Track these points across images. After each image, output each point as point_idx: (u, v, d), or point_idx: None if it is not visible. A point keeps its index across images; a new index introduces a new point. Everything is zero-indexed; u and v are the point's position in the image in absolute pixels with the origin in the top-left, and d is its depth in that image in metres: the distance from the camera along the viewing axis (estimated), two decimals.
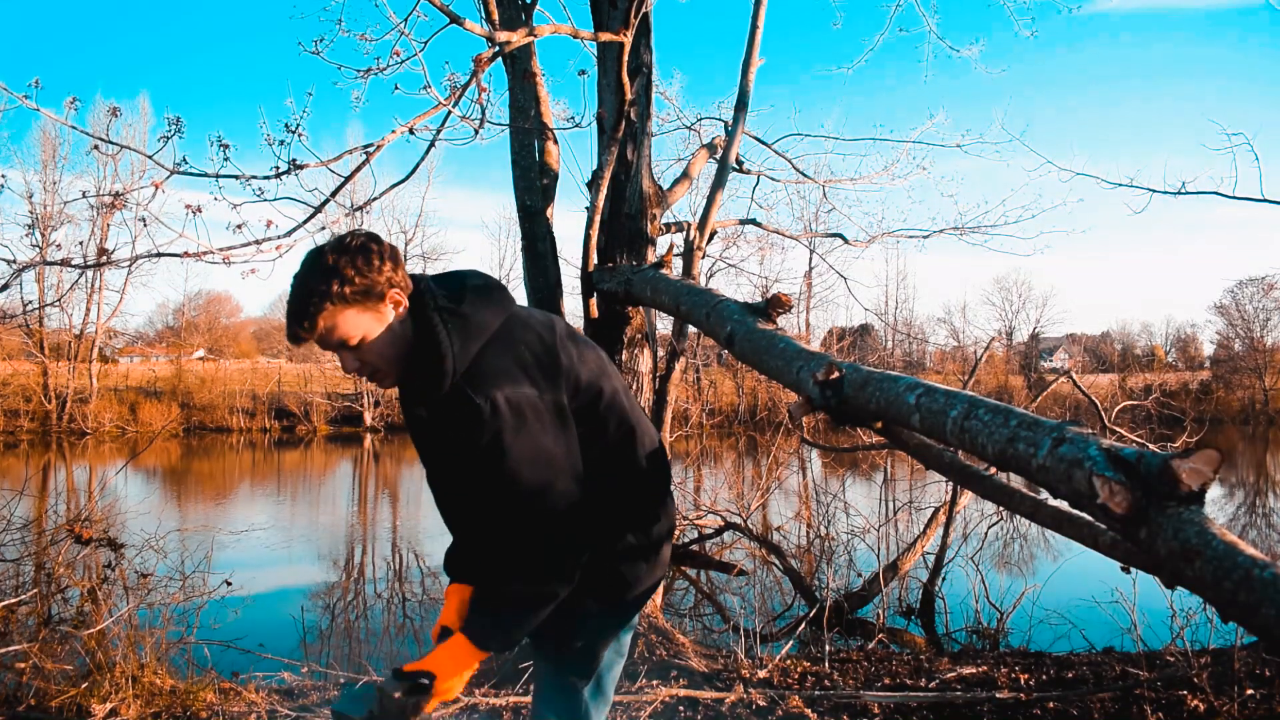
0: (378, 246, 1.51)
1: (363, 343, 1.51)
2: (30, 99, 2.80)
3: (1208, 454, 1.06)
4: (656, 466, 1.74)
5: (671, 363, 4.57)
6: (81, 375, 28.04)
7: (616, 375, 1.74)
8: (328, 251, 1.49)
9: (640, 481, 1.70)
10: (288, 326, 1.50)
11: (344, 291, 1.46)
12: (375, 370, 1.57)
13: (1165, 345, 44.60)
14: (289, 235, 3.10)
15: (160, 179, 3.01)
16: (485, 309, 1.56)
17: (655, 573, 1.71)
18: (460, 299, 1.55)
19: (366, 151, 3.05)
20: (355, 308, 1.48)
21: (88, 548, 4.13)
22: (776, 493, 9.85)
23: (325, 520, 12.56)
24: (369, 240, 1.51)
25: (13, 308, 18.22)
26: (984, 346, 34.59)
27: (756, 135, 6.78)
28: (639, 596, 1.69)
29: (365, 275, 1.47)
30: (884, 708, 3.55)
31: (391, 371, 1.57)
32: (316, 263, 1.48)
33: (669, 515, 1.75)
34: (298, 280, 1.49)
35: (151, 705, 3.43)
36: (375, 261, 1.49)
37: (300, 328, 1.47)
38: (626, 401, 1.70)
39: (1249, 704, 3.38)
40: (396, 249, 1.56)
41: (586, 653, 1.67)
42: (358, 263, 1.47)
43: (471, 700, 3.51)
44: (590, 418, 1.62)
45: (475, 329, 1.53)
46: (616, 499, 1.65)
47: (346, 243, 1.50)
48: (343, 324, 1.48)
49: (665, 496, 1.76)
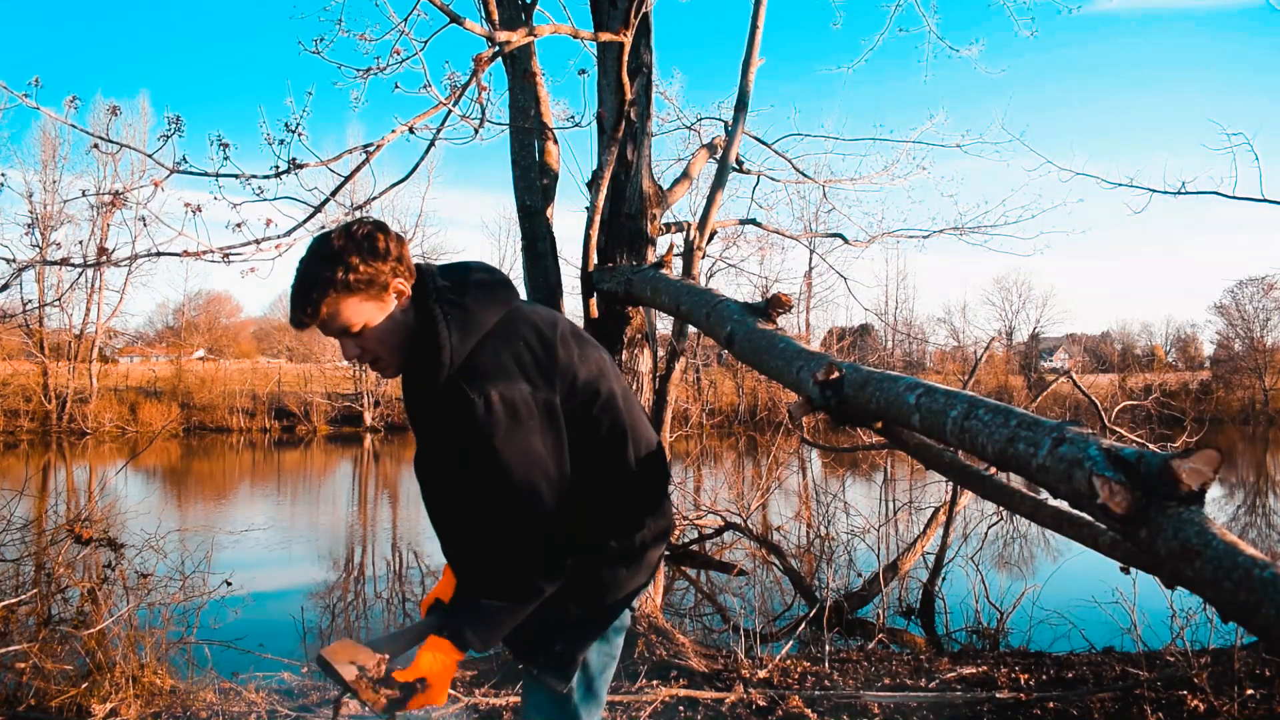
0: (384, 235, 1.51)
1: (365, 330, 1.51)
2: (30, 98, 2.80)
3: (1208, 454, 1.06)
4: (649, 471, 1.72)
5: (671, 363, 4.57)
6: (81, 375, 28.04)
7: (618, 377, 1.73)
8: (333, 238, 1.49)
9: (629, 486, 1.68)
10: (291, 312, 1.50)
11: (348, 279, 1.46)
12: (377, 359, 1.57)
13: (1165, 345, 44.63)
14: (289, 234, 3.10)
15: (160, 178, 3.00)
16: (486, 303, 1.56)
17: (638, 577, 1.68)
18: (463, 291, 1.55)
19: (366, 151, 3.05)
20: (358, 296, 1.48)
21: (88, 548, 4.13)
22: (776, 493, 9.84)
23: (325, 520, 12.56)
24: (375, 229, 1.51)
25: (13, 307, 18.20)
26: (984, 346, 34.59)
27: (756, 135, 6.79)
28: (620, 601, 1.67)
29: (370, 264, 1.47)
30: (884, 708, 3.55)
31: (393, 360, 1.57)
32: (322, 249, 1.48)
33: (660, 520, 1.72)
34: (303, 266, 1.49)
35: (151, 705, 3.44)
36: (380, 250, 1.48)
37: (303, 314, 1.47)
38: (624, 404, 1.68)
39: (1249, 704, 3.38)
40: (402, 238, 1.56)
41: (565, 656, 1.65)
42: (363, 251, 1.47)
43: (471, 700, 3.51)
44: (584, 419, 1.60)
45: (474, 323, 1.53)
46: (603, 502, 1.64)
47: (353, 230, 1.49)
48: (345, 311, 1.48)
49: (656, 501, 1.73)
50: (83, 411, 27.20)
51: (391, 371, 1.59)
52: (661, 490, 1.77)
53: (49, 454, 21.92)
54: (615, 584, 1.64)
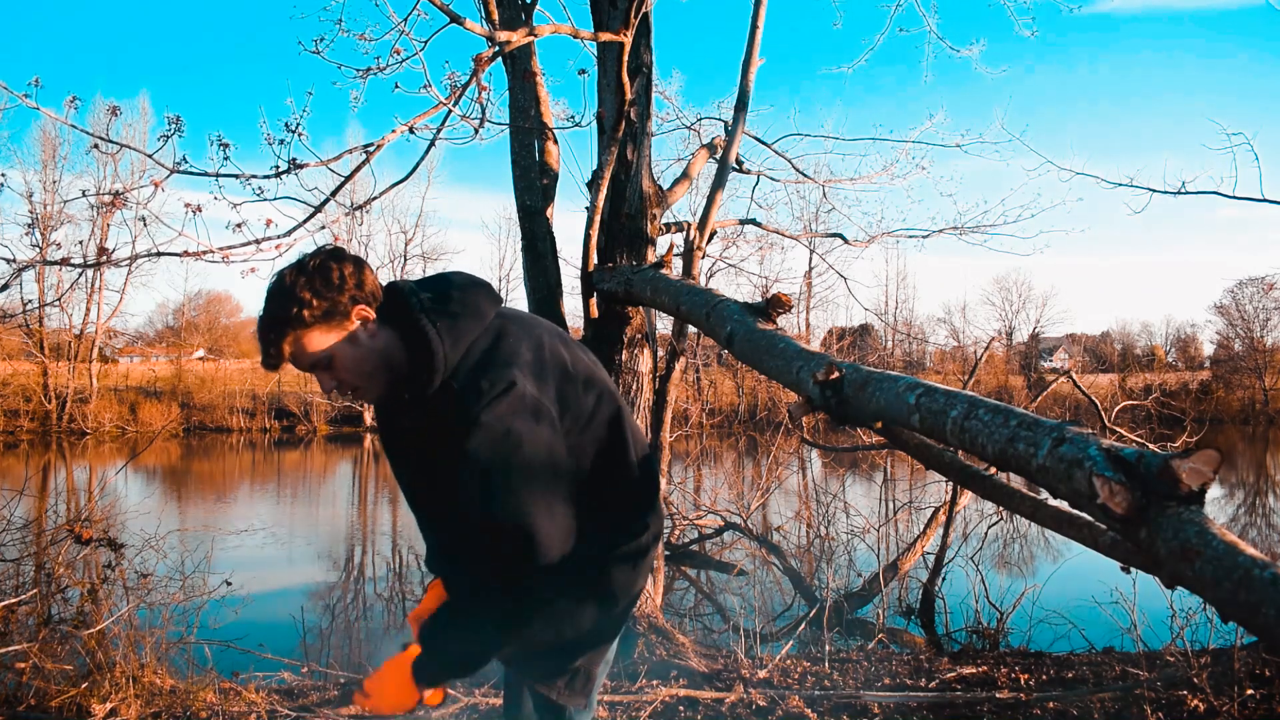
0: (337, 264, 1.48)
1: (334, 362, 1.50)
2: (30, 98, 2.81)
3: (1208, 454, 1.06)
4: (646, 472, 1.71)
5: (671, 363, 4.57)
6: (81, 375, 28.03)
7: (608, 388, 1.70)
8: (286, 274, 1.47)
9: (632, 487, 1.66)
10: (260, 354, 1.50)
11: (303, 315, 1.44)
12: (355, 388, 1.54)
13: (1165, 345, 44.61)
14: (289, 234, 3.11)
15: (160, 178, 3.01)
16: (473, 310, 1.55)
17: (642, 579, 1.68)
18: (448, 300, 1.54)
19: (366, 151, 3.06)
20: (318, 329, 1.46)
21: (88, 548, 4.13)
22: (776, 493, 9.85)
23: (325, 520, 12.56)
24: (328, 259, 1.48)
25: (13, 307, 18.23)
26: (984, 346, 34.59)
27: (756, 135, 6.79)
28: (628, 605, 1.67)
29: (324, 296, 1.45)
30: (884, 708, 3.55)
31: (370, 385, 1.54)
32: (277, 288, 1.46)
33: (658, 520, 1.72)
34: (262, 307, 1.48)
35: (151, 705, 3.43)
36: (335, 280, 1.46)
37: (268, 355, 1.47)
38: (608, 411, 1.65)
39: (1249, 704, 3.38)
40: (362, 262, 1.53)
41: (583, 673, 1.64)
42: (316, 284, 1.45)
43: (471, 700, 3.51)
44: (585, 422, 1.59)
45: (464, 330, 1.51)
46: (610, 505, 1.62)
47: (305, 264, 1.47)
48: (309, 346, 1.46)
49: (653, 501, 1.72)
50: (83, 411, 27.19)
51: (370, 397, 1.57)
52: (657, 490, 1.77)
53: (49, 454, 21.92)
54: (626, 587, 1.64)
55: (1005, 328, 40.33)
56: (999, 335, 38.97)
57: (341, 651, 5.95)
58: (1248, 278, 36.67)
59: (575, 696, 1.64)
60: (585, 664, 1.64)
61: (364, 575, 9.12)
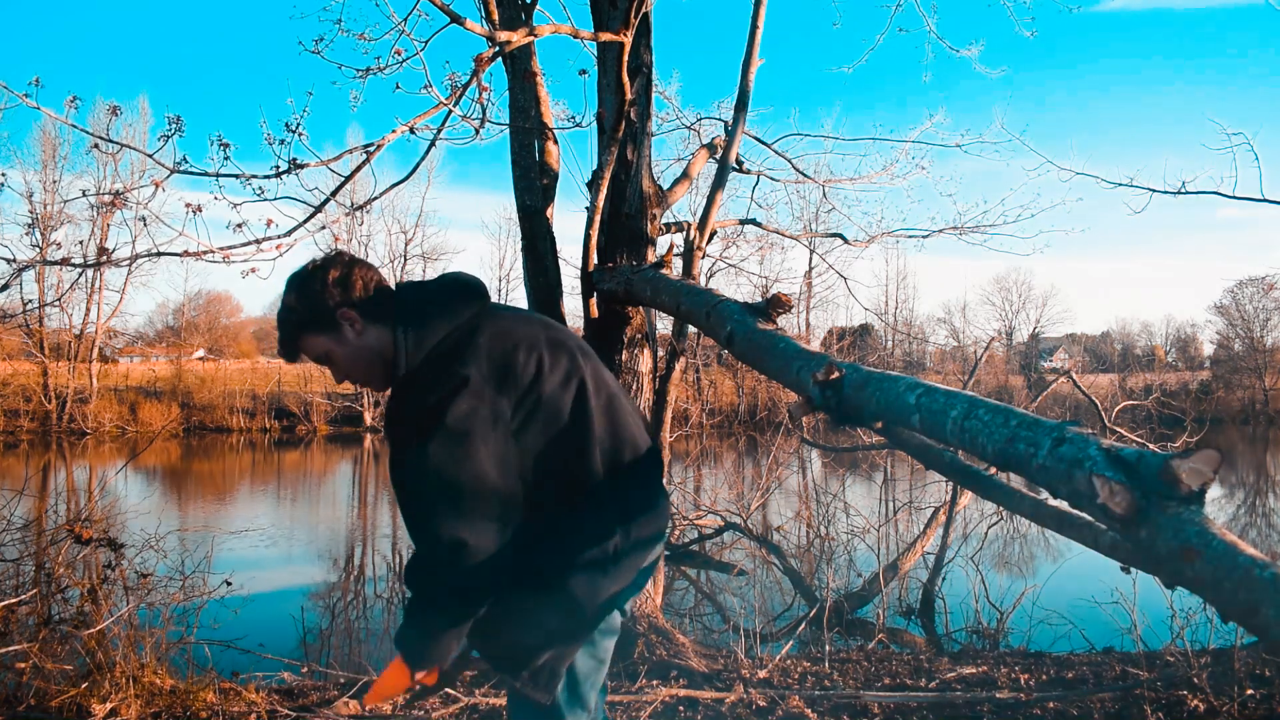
0: (320, 274, 1.66)
1: (332, 357, 1.68)
2: (30, 98, 2.81)
3: (1208, 454, 1.06)
4: (632, 474, 1.70)
5: (671, 363, 4.57)
6: (81, 375, 28.03)
7: (603, 382, 1.72)
8: (289, 281, 1.68)
9: (603, 492, 1.66)
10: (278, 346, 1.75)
11: (294, 320, 1.67)
12: (363, 379, 1.72)
13: (1165, 345, 44.64)
14: (289, 234, 3.11)
15: (160, 178, 3.01)
16: (444, 313, 1.64)
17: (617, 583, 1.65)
18: (423, 304, 1.66)
19: (367, 151, 3.06)
20: (310, 333, 1.67)
21: (88, 548, 4.12)
22: (776, 493, 9.85)
23: (325, 520, 12.56)
24: (314, 270, 1.67)
25: (13, 307, 18.18)
26: (984, 346, 34.58)
27: (756, 135, 6.79)
28: (600, 608, 1.65)
29: (308, 303, 1.65)
30: (884, 708, 3.55)
31: (370, 377, 1.71)
32: (284, 293, 1.70)
33: (647, 523, 1.70)
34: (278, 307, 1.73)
35: (151, 705, 3.43)
36: (317, 289, 1.65)
37: (281, 349, 1.72)
38: (601, 409, 1.67)
39: (1249, 704, 3.38)
40: (353, 266, 1.69)
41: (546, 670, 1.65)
42: (302, 295, 1.66)
43: (472, 700, 3.51)
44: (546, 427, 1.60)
45: (429, 332, 1.62)
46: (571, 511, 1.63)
47: (298, 272, 1.68)
48: (307, 346, 1.69)
49: (640, 504, 1.71)
50: (83, 411, 27.19)
51: (376, 386, 1.73)
52: (650, 492, 1.75)
53: (49, 454, 21.92)
54: (592, 593, 1.62)
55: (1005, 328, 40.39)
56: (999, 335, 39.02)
57: (341, 651, 5.96)
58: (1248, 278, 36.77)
59: (539, 691, 1.66)
60: (551, 660, 1.65)
61: (364, 575, 9.12)
